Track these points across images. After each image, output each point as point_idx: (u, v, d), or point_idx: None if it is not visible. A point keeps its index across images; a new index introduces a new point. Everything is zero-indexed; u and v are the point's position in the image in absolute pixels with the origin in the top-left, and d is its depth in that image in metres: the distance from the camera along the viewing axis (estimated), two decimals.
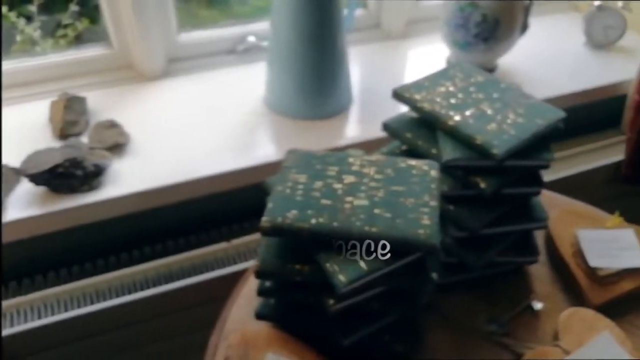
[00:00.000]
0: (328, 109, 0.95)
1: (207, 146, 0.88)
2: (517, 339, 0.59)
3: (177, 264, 0.86)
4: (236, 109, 0.96)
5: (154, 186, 0.82)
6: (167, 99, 0.97)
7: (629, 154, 1.05)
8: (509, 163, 0.58)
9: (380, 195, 0.54)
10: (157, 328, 0.84)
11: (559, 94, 1.04)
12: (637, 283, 0.62)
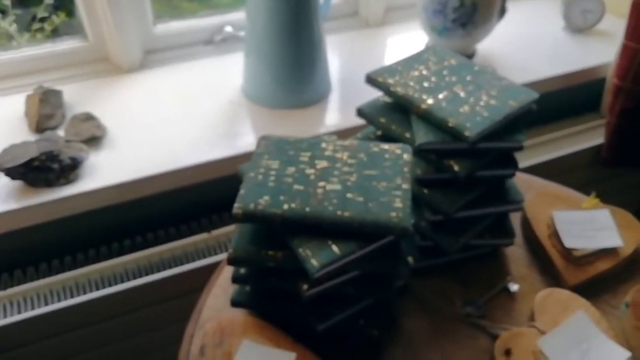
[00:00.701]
0: (306, 97, 0.94)
1: (185, 137, 0.87)
2: (493, 321, 0.59)
3: (157, 255, 0.85)
4: (214, 100, 0.95)
5: (132, 178, 0.81)
6: (144, 90, 0.96)
7: (608, 137, 1.06)
8: (482, 145, 0.58)
9: (352, 179, 0.54)
10: (138, 320, 0.84)
11: (538, 79, 1.04)
12: (612, 263, 0.62)
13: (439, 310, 0.60)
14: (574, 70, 1.07)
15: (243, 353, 0.52)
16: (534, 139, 1.09)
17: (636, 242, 0.64)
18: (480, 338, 0.58)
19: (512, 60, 1.07)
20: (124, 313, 0.84)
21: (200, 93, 0.96)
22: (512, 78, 0.68)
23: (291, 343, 0.55)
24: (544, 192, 0.70)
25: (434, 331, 0.59)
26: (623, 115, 1.03)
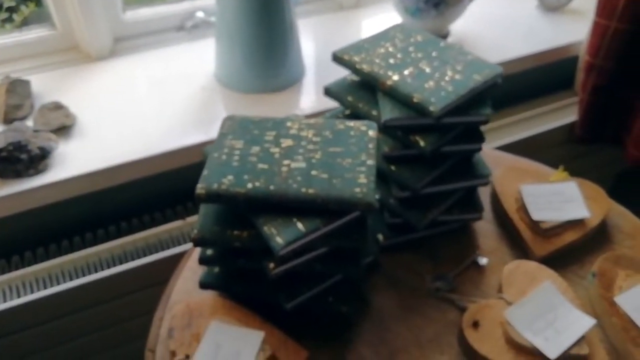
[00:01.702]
0: (279, 81, 0.94)
1: (157, 124, 0.87)
2: (462, 294, 0.60)
3: (132, 244, 0.85)
4: (186, 86, 0.94)
5: (104, 166, 0.80)
6: (115, 78, 0.95)
7: (581, 114, 1.07)
8: (447, 120, 0.58)
9: (317, 157, 0.54)
10: (114, 309, 0.83)
11: (512, 57, 1.04)
12: (579, 234, 0.63)
13: (408, 286, 0.61)
14: (547, 48, 1.08)
15: (211, 333, 0.52)
16: (509, 118, 1.10)
17: (603, 213, 0.65)
18: (449, 312, 0.58)
19: (486, 40, 1.07)
20: (100, 303, 0.83)
21: (172, 80, 0.95)
22: (486, 57, 0.67)
23: (260, 322, 0.54)
24: (513, 167, 0.70)
25: (403, 306, 0.59)
26: (595, 92, 1.04)
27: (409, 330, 0.57)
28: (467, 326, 0.55)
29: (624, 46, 0.98)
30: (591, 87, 1.04)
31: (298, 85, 0.96)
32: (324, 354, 0.55)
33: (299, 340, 0.54)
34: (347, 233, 0.53)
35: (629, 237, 0.65)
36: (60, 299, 0.79)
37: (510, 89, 1.13)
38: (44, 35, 0.97)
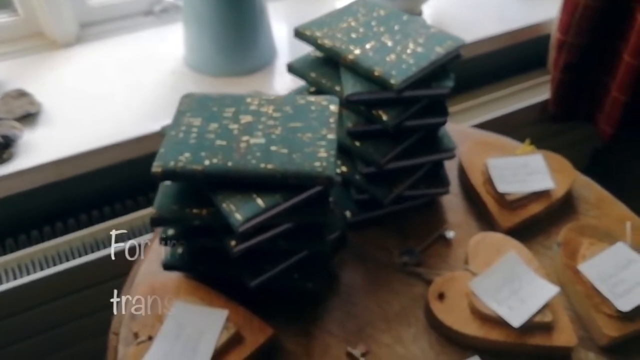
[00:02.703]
0: (250, 64, 0.92)
1: (126, 110, 0.85)
2: (429, 268, 0.60)
3: (104, 232, 0.83)
4: (156, 71, 0.93)
5: (71, 154, 0.78)
6: (81, 65, 0.93)
7: (553, 92, 1.07)
8: (410, 93, 0.58)
9: (277, 132, 0.53)
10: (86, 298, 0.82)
11: (485, 36, 1.04)
12: (544, 205, 0.63)
13: (376, 261, 0.61)
14: (519, 27, 1.08)
15: (174, 313, 0.52)
16: (482, 97, 1.10)
17: (568, 185, 0.65)
18: (416, 285, 0.58)
19: (458, 18, 1.06)
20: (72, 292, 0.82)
21: (141, 65, 0.93)
22: (460, 36, 0.66)
23: (225, 301, 0.54)
24: (480, 142, 0.70)
25: (371, 281, 0.59)
26: (567, 69, 1.04)
27: (377, 305, 0.57)
28: (433, 298, 0.55)
29: (594, 22, 0.98)
30: (562, 64, 1.04)
31: (270, 68, 0.95)
32: (291, 330, 0.55)
33: (266, 317, 0.53)
34: (309, 208, 0.52)
35: (594, 207, 0.66)
36: (31, 290, 0.77)
37: (483, 68, 1.13)
38: (5, 22, 0.94)
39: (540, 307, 0.53)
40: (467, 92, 1.10)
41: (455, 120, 1.04)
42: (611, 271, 0.55)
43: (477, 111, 1.08)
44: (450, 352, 0.53)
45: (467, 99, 1.09)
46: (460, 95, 1.10)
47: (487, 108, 1.08)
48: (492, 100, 1.10)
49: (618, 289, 0.54)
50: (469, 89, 1.11)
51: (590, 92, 1.08)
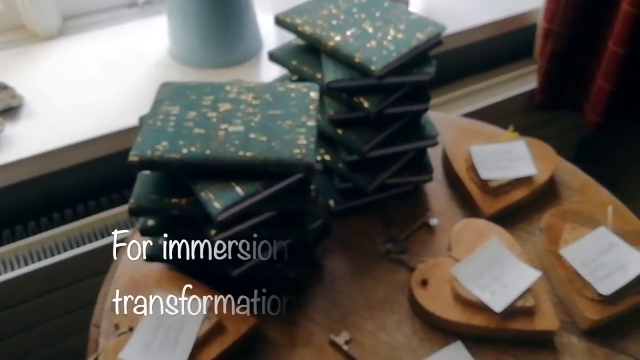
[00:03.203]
0: (236, 55, 0.92)
1: (110, 103, 0.84)
2: (413, 255, 0.59)
3: (89, 226, 0.83)
4: (140, 64, 0.92)
5: (54, 147, 0.77)
6: (64, 58, 0.92)
7: (540, 81, 1.07)
8: (391, 80, 0.57)
9: (256, 120, 0.52)
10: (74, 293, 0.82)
11: (472, 26, 1.03)
12: (527, 191, 0.63)
13: (360, 249, 0.60)
14: (506, 16, 1.07)
15: (155, 304, 0.51)
16: (470, 87, 1.09)
17: (551, 170, 0.65)
18: (400, 272, 0.58)
19: (445, 8, 1.06)
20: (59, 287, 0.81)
21: (125, 58, 0.92)
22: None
23: (207, 291, 0.53)
24: (464, 129, 0.70)
25: (355, 269, 0.59)
26: (553, 58, 1.04)
27: (360, 293, 0.57)
28: (416, 285, 0.55)
29: (579, 11, 0.98)
30: (549, 53, 1.04)
31: (256, 59, 0.94)
32: (275, 319, 0.54)
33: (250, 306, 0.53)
34: (290, 196, 0.52)
35: (577, 192, 0.66)
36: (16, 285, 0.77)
37: (470, 57, 1.12)
38: None
39: (522, 292, 0.53)
40: (455, 82, 1.10)
41: (442, 110, 1.04)
42: (593, 255, 0.55)
43: (465, 101, 1.07)
44: (434, 338, 0.53)
45: (454, 88, 1.09)
46: (447, 85, 1.10)
47: (475, 98, 1.08)
48: (479, 90, 1.09)
49: (599, 273, 0.54)
50: (456, 78, 1.11)
51: (576, 80, 1.08)
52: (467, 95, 1.09)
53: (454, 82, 1.10)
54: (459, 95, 1.09)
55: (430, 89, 1.06)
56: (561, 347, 0.53)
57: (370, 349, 0.52)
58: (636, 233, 0.59)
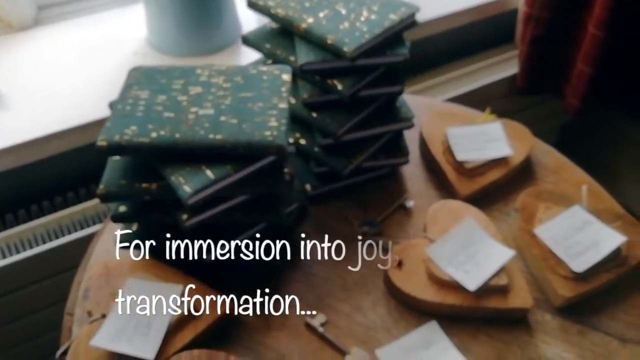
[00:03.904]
0: (214, 43, 0.91)
1: (88, 93, 0.83)
2: (389, 237, 0.59)
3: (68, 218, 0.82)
4: (118, 53, 0.90)
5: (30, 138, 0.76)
6: (40, 48, 0.90)
7: (521, 65, 1.07)
8: (364, 61, 0.57)
9: (227, 102, 0.52)
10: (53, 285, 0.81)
11: (454, 11, 1.03)
12: (503, 172, 0.63)
13: (337, 233, 0.60)
14: (487, 1, 1.07)
15: (128, 290, 0.51)
16: (451, 73, 1.09)
17: (527, 151, 0.65)
18: (375, 254, 0.58)
19: None
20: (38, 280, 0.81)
21: (102, 47, 0.91)
22: (427, 12, 0.65)
23: (182, 276, 0.53)
24: (441, 112, 0.70)
25: (332, 252, 0.58)
26: (534, 42, 1.04)
27: (336, 275, 0.57)
28: (391, 266, 0.55)
29: None
30: (529, 38, 1.04)
31: (235, 46, 0.93)
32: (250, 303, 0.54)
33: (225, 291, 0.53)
34: (263, 179, 0.51)
35: (553, 173, 0.66)
36: None
37: (452, 43, 1.12)
38: None
39: (496, 270, 0.53)
40: (436, 68, 1.10)
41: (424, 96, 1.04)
42: (566, 233, 0.56)
43: (447, 87, 1.07)
44: (409, 318, 0.53)
45: (436, 74, 1.09)
46: (429, 72, 1.09)
47: (456, 84, 1.08)
48: (461, 75, 1.09)
49: (573, 251, 0.54)
50: (438, 64, 1.11)
51: (557, 64, 1.08)
52: (449, 81, 1.09)
53: (436, 68, 1.10)
54: (440, 82, 1.08)
55: (412, 76, 1.08)
56: (535, 325, 0.53)
57: (346, 331, 0.52)
58: (610, 211, 0.60)
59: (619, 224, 0.57)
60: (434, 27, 1.03)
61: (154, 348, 0.47)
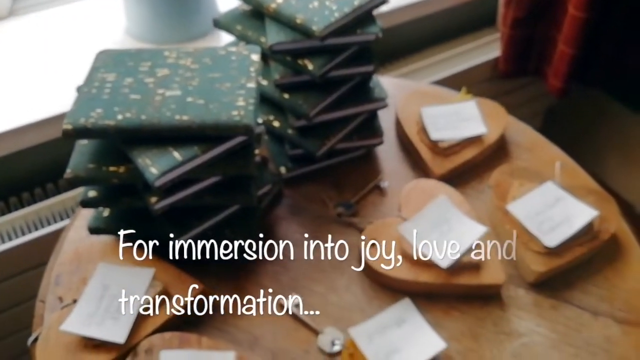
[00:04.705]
0: (193, 29, 0.90)
1: (66, 84, 0.82)
2: (364, 218, 0.59)
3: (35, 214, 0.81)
4: (97, 43, 0.89)
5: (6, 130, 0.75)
6: (15, 40, 0.89)
7: (503, 48, 1.07)
8: (334, 41, 0.56)
9: (194, 83, 0.51)
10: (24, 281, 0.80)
11: None
12: (477, 151, 0.63)
13: (312, 215, 0.60)
14: None
15: (98, 275, 0.51)
16: (433, 57, 1.09)
17: (501, 129, 0.65)
18: (351, 235, 0.58)
19: None
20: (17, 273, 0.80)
21: (80, 38, 0.90)
22: None
23: (153, 261, 0.53)
24: (416, 92, 0.70)
25: (307, 233, 0.58)
26: (515, 25, 1.04)
27: (312, 256, 0.57)
28: (365, 245, 0.55)
29: None
30: (511, 20, 1.04)
31: (214, 33, 0.92)
32: (224, 286, 0.54)
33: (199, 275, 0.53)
34: (232, 160, 0.51)
35: (527, 150, 0.66)
36: None
37: (434, 27, 1.12)
38: None
39: (468, 247, 0.53)
40: (418, 52, 1.10)
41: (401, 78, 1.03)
42: (539, 209, 0.56)
43: (429, 71, 1.07)
44: (383, 296, 0.53)
45: (418, 59, 1.09)
46: (411, 56, 1.09)
47: (438, 68, 1.08)
48: (443, 59, 1.09)
49: (545, 226, 0.54)
50: (419, 48, 1.10)
51: (539, 47, 1.08)
52: (431, 66, 1.08)
53: (418, 52, 1.09)
54: (422, 66, 1.08)
55: (394, 60, 1.08)
56: (508, 300, 0.53)
57: (320, 310, 0.52)
58: (584, 187, 0.60)
59: (592, 199, 0.58)
60: (416, 11, 1.03)
61: (125, 332, 0.47)
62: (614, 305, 0.53)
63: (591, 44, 1.03)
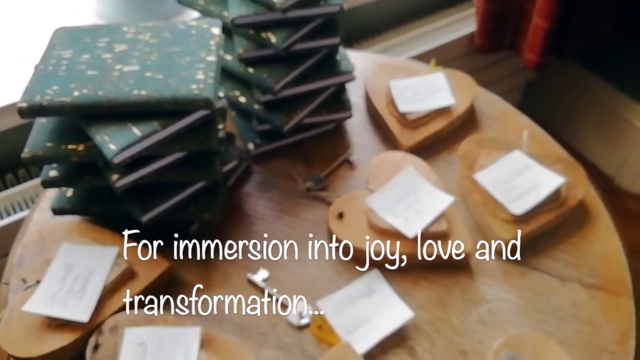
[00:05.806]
0: (164, 10, 0.88)
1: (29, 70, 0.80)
2: (333, 191, 0.59)
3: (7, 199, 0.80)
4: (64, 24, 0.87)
5: None
6: None
7: (479, 23, 1.06)
8: (297, 13, 0.56)
9: (153, 58, 0.50)
10: None
11: None
12: (446, 122, 0.63)
13: (281, 190, 0.60)
14: None
15: (61, 255, 0.50)
16: (409, 33, 1.08)
17: (470, 100, 0.65)
18: (320, 208, 0.58)
19: None
20: None
21: (47, 18, 0.88)
22: None
23: (119, 239, 0.52)
24: (385, 65, 0.69)
25: (275, 209, 0.58)
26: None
27: (280, 231, 0.56)
28: (333, 218, 0.54)
29: None
30: None
31: (185, 13, 0.90)
32: (191, 263, 0.54)
33: (166, 252, 0.52)
34: (194, 135, 0.50)
35: (497, 121, 0.66)
36: None
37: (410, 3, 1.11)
38: None
39: (435, 217, 0.53)
40: (394, 29, 1.09)
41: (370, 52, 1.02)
42: (506, 178, 0.56)
43: (405, 46, 1.06)
44: (351, 269, 0.53)
45: (393, 35, 1.08)
46: (387, 32, 1.08)
47: (415, 43, 1.07)
48: (419, 35, 1.08)
49: (512, 194, 0.55)
50: (395, 25, 1.09)
51: (514, 21, 1.07)
52: (408, 41, 1.07)
53: (393, 28, 1.09)
54: (399, 42, 1.07)
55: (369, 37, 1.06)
56: (477, 269, 0.53)
57: (289, 284, 0.52)
58: (552, 155, 0.60)
59: (560, 166, 0.58)
60: None
61: (88, 310, 0.47)
62: (581, 271, 0.54)
63: (566, 17, 1.03)
